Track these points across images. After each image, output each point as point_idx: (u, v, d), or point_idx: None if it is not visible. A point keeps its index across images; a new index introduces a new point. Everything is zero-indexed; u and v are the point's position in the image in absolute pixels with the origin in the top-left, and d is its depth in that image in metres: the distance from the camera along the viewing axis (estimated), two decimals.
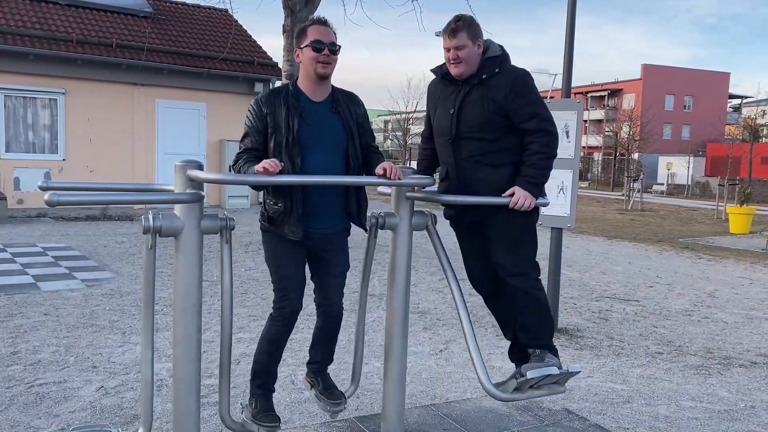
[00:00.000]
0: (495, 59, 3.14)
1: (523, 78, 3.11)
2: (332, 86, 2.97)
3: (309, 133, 2.85)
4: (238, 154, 2.88)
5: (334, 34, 2.88)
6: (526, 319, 3.04)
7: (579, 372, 3.04)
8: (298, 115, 2.83)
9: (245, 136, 2.91)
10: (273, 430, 2.97)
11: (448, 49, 3.11)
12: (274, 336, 3.03)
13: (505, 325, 3.27)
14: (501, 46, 3.22)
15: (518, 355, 3.16)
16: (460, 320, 2.87)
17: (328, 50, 2.82)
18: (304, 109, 2.85)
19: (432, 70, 3.31)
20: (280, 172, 2.62)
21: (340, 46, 2.87)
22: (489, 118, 3.06)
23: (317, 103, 2.90)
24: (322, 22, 2.87)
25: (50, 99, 13.99)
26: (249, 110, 2.89)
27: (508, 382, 2.93)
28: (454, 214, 3.24)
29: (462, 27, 3.07)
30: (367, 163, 3.00)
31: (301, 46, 2.85)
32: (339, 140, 2.91)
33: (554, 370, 2.85)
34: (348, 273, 3.19)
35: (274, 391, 3.16)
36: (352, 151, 2.92)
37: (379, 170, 2.81)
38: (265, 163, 2.59)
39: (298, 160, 2.81)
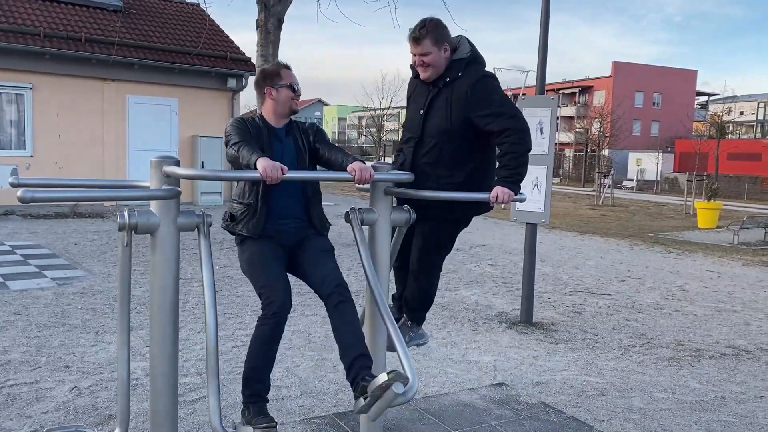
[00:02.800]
0: (461, 62, 3.13)
1: (484, 80, 3.10)
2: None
3: (279, 153, 3.11)
4: (234, 144, 2.93)
5: None
6: (412, 299, 3.48)
7: (425, 343, 3.61)
8: (273, 136, 3.17)
9: (236, 136, 2.98)
10: (269, 430, 2.79)
11: (414, 54, 3.13)
12: (264, 335, 2.88)
13: (398, 286, 3.65)
14: (472, 47, 3.19)
15: (398, 303, 3.62)
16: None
17: (299, 91, 3.29)
18: (275, 133, 3.20)
19: (411, 66, 3.32)
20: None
21: None
22: (450, 127, 3.10)
23: (279, 128, 3.23)
24: (290, 68, 3.29)
25: (17, 94, 13.67)
26: (233, 125, 3.06)
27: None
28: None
29: (425, 35, 3.08)
30: (330, 161, 3.16)
31: (276, 86, 3.20)
32: (292, 159, 3.14)
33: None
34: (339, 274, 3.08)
35: (267, 402, 2.96)
36: (302, 168, 3.20)
37: (350, 170, 2.87)
38: (269, 169, 2.65)
39: None
